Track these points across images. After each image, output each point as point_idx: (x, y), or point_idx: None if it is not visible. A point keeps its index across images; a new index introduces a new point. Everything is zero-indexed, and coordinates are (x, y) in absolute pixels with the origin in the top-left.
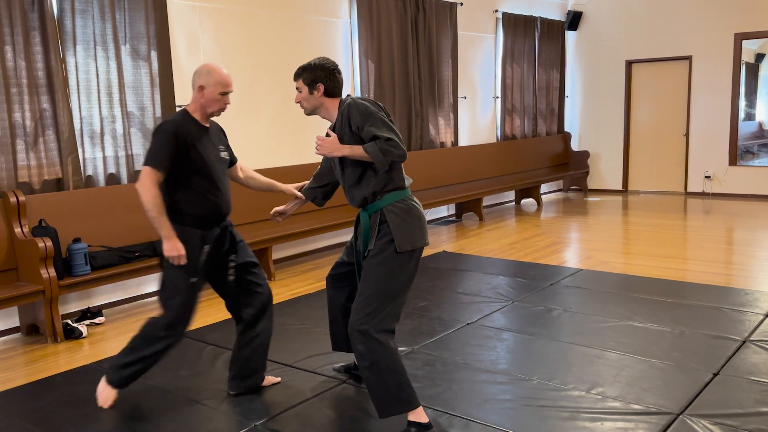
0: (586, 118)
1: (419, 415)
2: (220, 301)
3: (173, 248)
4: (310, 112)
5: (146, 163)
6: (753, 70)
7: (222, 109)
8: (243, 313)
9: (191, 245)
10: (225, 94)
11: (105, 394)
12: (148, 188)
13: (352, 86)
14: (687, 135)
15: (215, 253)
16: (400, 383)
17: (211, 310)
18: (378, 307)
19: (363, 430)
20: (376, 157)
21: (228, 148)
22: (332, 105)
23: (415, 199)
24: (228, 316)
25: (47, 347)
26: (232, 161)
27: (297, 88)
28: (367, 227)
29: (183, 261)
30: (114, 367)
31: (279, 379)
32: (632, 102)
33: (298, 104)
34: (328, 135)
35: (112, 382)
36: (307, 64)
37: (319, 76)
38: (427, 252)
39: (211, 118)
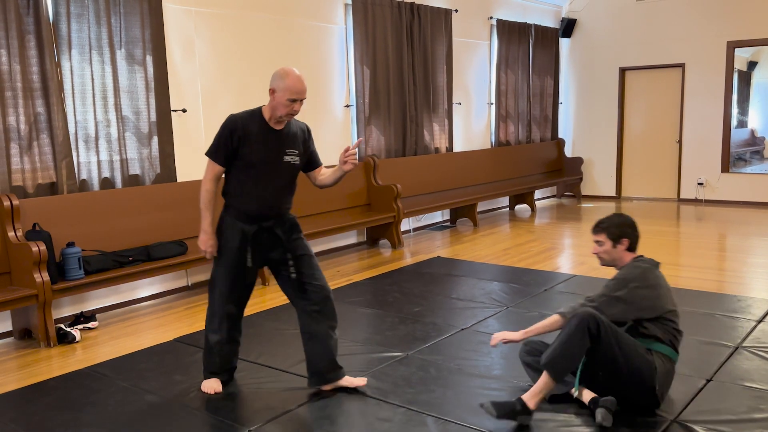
0: (580, 124)
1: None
2: None
3: (202, 242)
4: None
5: (206, 153)
6: (745, 78)
7: (291, 114)
8: (302, 309)
9: (228, 235)
10: (294, 101)
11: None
12: (204, 181)
13: (347, 92)
14: (680, 142)
15: (261, 251)
16: None
17: (202, 315)
18: None
19: None
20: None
21: (303, 153)
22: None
23: None
24: None
25: (40, 352)
26: (313, 164)
27: (598, 242)
28: None
29: (209, 255)
30: None
31: (364, 381)
32: (625, 109)
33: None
34: None
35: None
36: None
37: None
38: (421, 257)
39: (298, 120)
